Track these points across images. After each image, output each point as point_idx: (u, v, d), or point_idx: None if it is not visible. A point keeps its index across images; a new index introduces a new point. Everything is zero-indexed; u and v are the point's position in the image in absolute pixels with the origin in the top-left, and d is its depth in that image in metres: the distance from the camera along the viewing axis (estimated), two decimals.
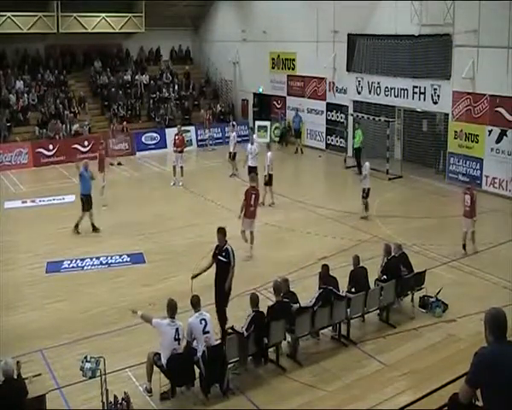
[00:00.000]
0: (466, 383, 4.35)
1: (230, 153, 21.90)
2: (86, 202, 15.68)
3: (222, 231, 10.12)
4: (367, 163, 16.95)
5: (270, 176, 17.84)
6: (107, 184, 18.68)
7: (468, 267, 12.99)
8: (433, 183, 20.50)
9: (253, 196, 13.97)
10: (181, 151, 20.88)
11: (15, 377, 7.16)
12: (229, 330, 8.95)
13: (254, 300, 9.03)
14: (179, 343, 8.29)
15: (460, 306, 10.94)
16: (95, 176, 16.40)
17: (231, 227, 15.83)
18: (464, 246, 13.71)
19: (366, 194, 16.52)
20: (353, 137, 22.76)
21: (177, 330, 8.24)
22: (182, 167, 20.63)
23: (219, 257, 9.97)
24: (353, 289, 10.47)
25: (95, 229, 15.70)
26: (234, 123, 25.01)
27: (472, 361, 4.29)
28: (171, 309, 8.35)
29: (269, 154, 18.14)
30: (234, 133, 22.63)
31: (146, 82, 29.97)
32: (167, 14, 29.68)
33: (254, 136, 21.85)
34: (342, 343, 9.91)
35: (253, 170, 17.49)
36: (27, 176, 22.61)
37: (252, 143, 19.21)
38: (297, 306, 9.56)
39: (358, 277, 10.54)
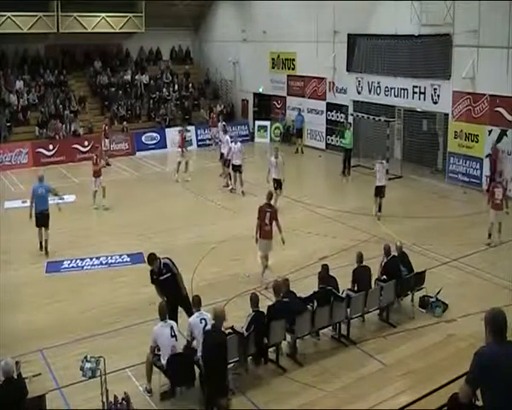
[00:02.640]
0: (466, 383, 4.36)
1: (222, 154, 21.00)
2: (39, 220, 14.15)
3: (151, 257, 9.60)
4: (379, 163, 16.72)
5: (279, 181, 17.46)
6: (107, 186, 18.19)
7: (468, 267, 12.98)
8: (433, 183, 20.50)
9: (268, 213, 12.24)
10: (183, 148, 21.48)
11: (15, 377, 7.15)
12: (229, 330, 8.95)
13: (254, 300, 9.03)
14: (176, 339, 8.34)
15: (460, 306, 10.93)
16: (56, 191, 15.00)
17: (230, 228, 15.93)
18: (490, 235, 14.41)
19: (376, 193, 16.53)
20: (343, 138, 22.53)
21: (171, 327, 8.31)
22: (187, 162, 21.24)
23: (162, 277, 9.54)
24: (356, 288, 10.47)
25: (44, 250, 14.17)
26: (224, 124, 23.50)
27: (472, 361, 4.29)
28: (163, 313, 8.42)
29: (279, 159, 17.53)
30: (227, 136, 21.07)
31: (146, 82, 29.99)
32: (167, 14, 29.67)
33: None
34: (342, 343, 9.91)
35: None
36: (27, 176, 22.55)
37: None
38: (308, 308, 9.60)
39: (361, 275, 10.53)
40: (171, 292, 9.52)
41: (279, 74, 28.36)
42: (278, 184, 17.38)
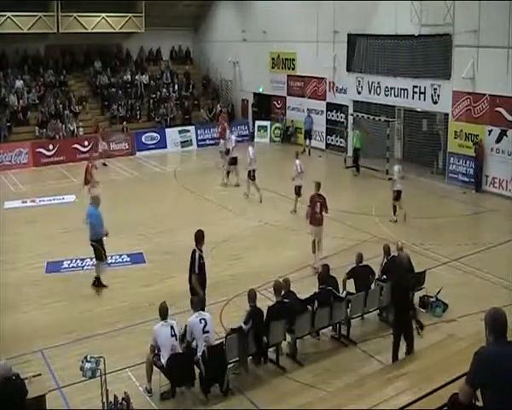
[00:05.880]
0: (466, 383, 4.36)
1: (226, 150, 22.05)
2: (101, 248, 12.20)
3: (203, 234, 10.11)
4: (396, 167, 16.65)
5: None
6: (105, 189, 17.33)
7: (468, 267, 12.98)
8: (433, 183, 20.48)
9: (319, 203, 13.14)
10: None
11: (14, 377, 7.13)
12: (229, 331, 8.95)
13: (251, 295, 9.01)
14: (176, 339, 8.35)
15: (460, 306, 10.93)
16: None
17: (230, 228, 15.92)
18: None
19: (396, 197, 16.20)
20: (353, 139, 22.66)
21: (171, 327, 8.32)
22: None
23: (203, 261, 10.00)
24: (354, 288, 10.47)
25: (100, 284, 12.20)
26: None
27: (472, 361, 4.29)
28: (164, 312, 8.44)
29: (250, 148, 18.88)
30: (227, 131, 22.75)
31: (146, 82, 30.00)
32: (167, 14, 29.72)
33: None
34: (342, 343, 9.91)
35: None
36: (27, 176, 22.61)
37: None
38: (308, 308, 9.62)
39: (360, 275, 10.52)
40: (204, 280, 9.98)
41: (279, 74, 28.36)
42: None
